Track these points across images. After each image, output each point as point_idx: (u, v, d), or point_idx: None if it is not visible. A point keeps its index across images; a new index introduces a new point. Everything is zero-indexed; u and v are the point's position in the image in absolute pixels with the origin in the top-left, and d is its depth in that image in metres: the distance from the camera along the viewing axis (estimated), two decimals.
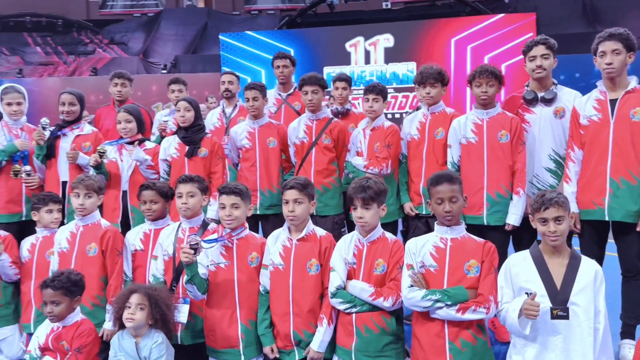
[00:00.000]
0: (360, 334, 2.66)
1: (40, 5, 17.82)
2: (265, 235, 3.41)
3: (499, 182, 3.38)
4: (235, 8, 19.50)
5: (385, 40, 12.18)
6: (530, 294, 2.28)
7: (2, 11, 17.09)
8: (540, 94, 3.46)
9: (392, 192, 3.78)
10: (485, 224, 3.40)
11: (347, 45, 12.01)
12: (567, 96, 3.43)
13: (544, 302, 2.32)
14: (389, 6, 18.72)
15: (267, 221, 3.96)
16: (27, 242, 3.44)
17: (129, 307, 2.66)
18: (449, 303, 2.48)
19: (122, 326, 2.70)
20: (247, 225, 2.98)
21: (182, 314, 2.94)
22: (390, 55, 12.01)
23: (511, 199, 3.38)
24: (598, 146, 3.18)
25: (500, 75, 3.41)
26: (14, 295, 3.41)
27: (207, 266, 2.84)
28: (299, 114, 4.54)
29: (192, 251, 2.69)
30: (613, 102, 3.16)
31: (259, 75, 12.24)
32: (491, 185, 3.38)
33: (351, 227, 3.77)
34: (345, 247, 2.75)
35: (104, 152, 3.69)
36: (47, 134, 3.81)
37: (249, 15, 18.72)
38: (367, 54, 12.24)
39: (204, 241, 2.82)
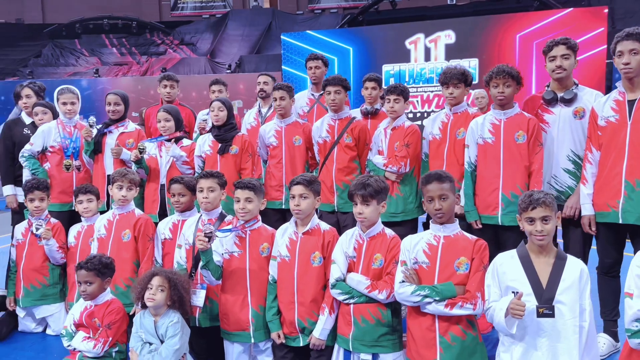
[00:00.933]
0: (358, 323, 2.81)
1: (117, 8, 19.04)
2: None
3: (515, 182, 3.39)
4: (299, 7, 19.92)
5: (447, 36, 11.98)
6: (517, 293, 2.35)
7: (83, 14, 18.38)
8: (559, 94, 3.45)
9: (412, 191, 3.90)
10: (500, 223, 3.43)
11: (406, 42, 11.93)
12: (588, 96, 3.40)
13: (530, 301, 2.37)
14: (454, 2, 18.50)
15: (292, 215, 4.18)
16: (73, 230, 3.85)
17: (150, 289, 2.95)
18: (437, 299, 2.58)
19: (144, 306, 3.00)
20: (259, 217, 3.21)
21: (199, 298, 3.22)
22: (452, 52, 11.86)
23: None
24: (614, 147, 3.16)
25: (517, 76, 3.41)
26: (60, 277, 3.85)
27: (222, 254, 3.09)
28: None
29: (207, 239, 2.95)
30: (631, 103, 3.12)
31: None
32: (507, 185, 3.40)
33: None
34: (347, 242, 2.91)
35: (143, 149, 4.05)
36: (94, 131, 4.22)
37: (312, 15, 19.07)
38: (427, 51, 12.11)
39: (219, 231, 3.07)
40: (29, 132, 4.37)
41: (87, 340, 3.00)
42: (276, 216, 4.15)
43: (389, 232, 2.93)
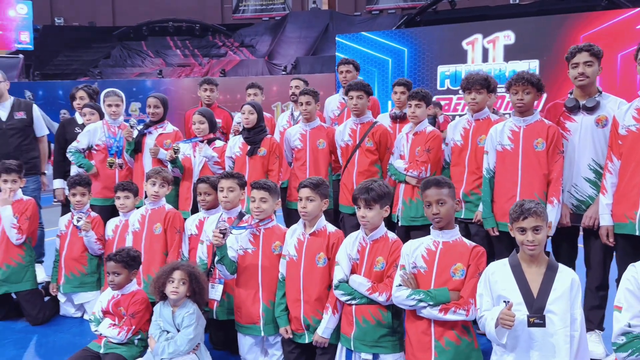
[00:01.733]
0: (359, 324, 2.91)
1: (181, 11, 19.86)
2: None
3: (533, 190, 3.37)
4: (357, 9, 20.01)
5: (506, 37, 11.71)
6: (508, 302, 2.38)
7: (150, 17, 19.30)
8: (582, 102, 3.40)
9: None
10: None
11: (463, 43, 11.82)
12: (612, 105, 3.34)
13: (521, 310, 2.39)
14: (517, 1, 17.99)
15: None
16: (112, 223, 4.16)
17: (172, 282, 3.16)
18: (431, 303, 2.65)
19: (163, 297, 3.23)
20: (274, 217, 3.37)
21: (217, 292, 3.43)
22: (511, 53, 11.62)
23: (545, 208, 3.37)
24: (634, 157, 3.10)
25: (537, 83, 3.39)
26: (98, 267, 4.16)
27: (237, 250, 3.28)
28: None
29: (221, 235, 3.14)
30: None
31: (372, 74, 12.48)
32: (524, 193, 3.38)
33: (391, 227, 3.98)
34: (351, 244, 3.01)
35: (177, 149, 4.32)
36: (135, 132, 4.54)
37: (369, 16, 19.12)
38: (485, 51, 11.90)
39: (233, 228, 3.26)
40: (80, 131, 4.76)
41: (113, 327, 3.26)
42: (298, 216, 4.29)
43: (391, 235, 3.01)
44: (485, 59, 11.70)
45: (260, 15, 20.56)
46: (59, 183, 4.76)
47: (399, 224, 3.99)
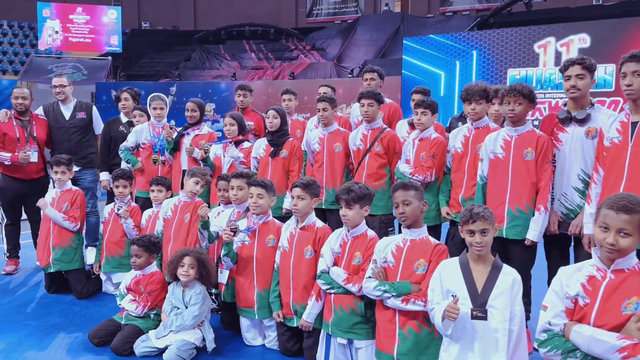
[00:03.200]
0: (336, 311, 3.25)
1: (257, 15, 20.78)
2: (331, 225, 4.01)
3: (521, 197, 3.53)
4: (430, 10, 19.98)
5: (581, 40, 11.30)
6: (455, 296, 2.64)
7: (228, 22, 20.37)
8: (573, 114, 3.51)
9: (434, 199, 4.19)
10: (504, 236, 3.59)
11: (535, 46, 11.55)
12: (602, 117, 3.40)
13: (466, 304, 2.63)
14: (600, 1, 17.25)
15: (331, 214, 4.62)
16: (146, 214, 4.74)
17: (183, 266, 3.66)
18: (394, 294, 2.94)
19: (175, 278, 3.72)
20: (270, 212, 3.79)
21: (224, 277, 3.88)
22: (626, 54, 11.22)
23: (532, 214, 3.52)
24: (615, 168, 3.18)
25: (529, 94, 3.53)
26: None
27: (236, 242, 3.74)
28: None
29: (232, 233, 3.61)
30: (634, 124, 3.12)
31: (439, 77, 12.50)
32: (513, 200, 3.55)
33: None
34: (334, 239, 3.36)
35: (207, 149, 4.84)
36: (174, 132, 5.11)
37: (442, 18, 19.04)
38: (558, 55, 11.51)
39: (242, 231, 3.70)
40: (123, 129, 5.44)
41: (132, 302, 3.81)
42: (318, 215, 4.64)
43: (371, 233, 3.32)
44: (557, 62, 11.26)
45: (333, 19, 21.06)
46: (104, 175, 5.45)
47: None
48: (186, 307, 3.64)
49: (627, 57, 3.13)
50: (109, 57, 18.19)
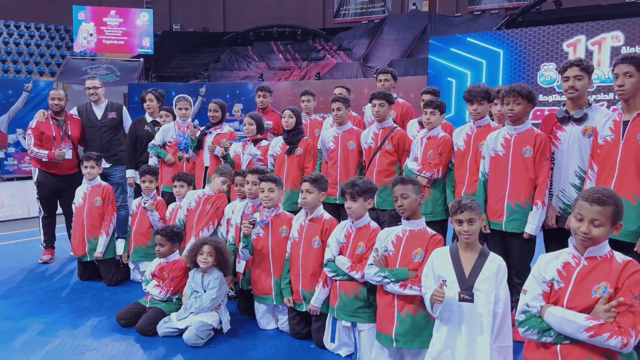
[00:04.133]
0: (341, 296, 3.54)
1: (285, 16, 21.16)
2: (345, 219, 4.18)
3: (520, 193, 3.76)
4: (458, 10, 20.02)
5: (614, 38, 11.03)
6: (444, 280, 2.89)
7: (257, 23, 20.81)
8: (571, 113, 3.71)
9: (441, 195, 4.43)
10: (504, 230, 3.83)
11: (564, 45, 11.44)
12: (599, 116, 3.56)
13: (454, 288, 2.87)
14: None
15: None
16: (170, 207, 5.11)
17: (202, 254, 4.00)
18: (393, 280, 3.21)
19: (195, 265, 4.06)
20: (280, 205, 4.11)
21: (242, 266, 4.22)
22: (619, 56, 11.09)
23: (531, 209, 3.73)
24: (607, 165, 3.37)
25: (528, 95, 3.74)
26: None
27: (253, 235, 4.07)
28: (394, 122, 5.38)
29: (251, 226, 3.93)
30: (626, 123, 3.30)
31: (465, 77, 12.49)
32: (512, 195, 3.78)
33: None
34: (340, 230, 3.64)
35: (227, 147, 5.18)
36: (198, 133, 5.48)
37: (470, 17, 19.06)
38: (589, 54, 11.21)
39: (262, 223, 4.03)
40: (148, 128, 5.85)
41: (156, 287, 4.17)
42: (331, 210, 4.90)
43: (373, 225, 3.60)
44: None
45: (360, 19, 21.30)
46: (131, 172, 5.85)
47: None
48: (205, 291, 3.98)
49: (619, 59, 3.33)
50: (141, 59, 18.80)
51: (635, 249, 3.19)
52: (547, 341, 2.45)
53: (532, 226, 3.71)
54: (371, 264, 3.35)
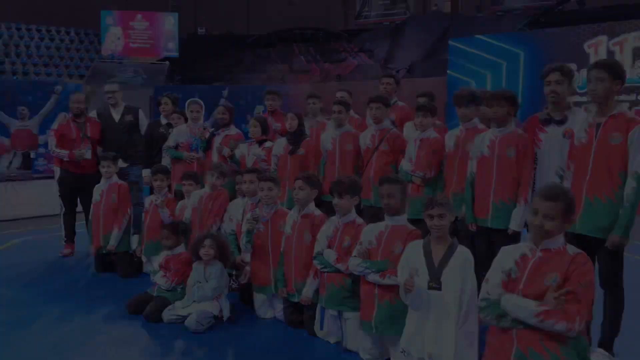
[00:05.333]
0: (328, 287, 3.85)
1: (308, 18, 21.50)
2: None
3: (504, 192, 3.94)
4: (481, 9, 20.04)
5: (637, 39, 10.86)
6: (417, 270, 3.16)
7: (279, 26, 21.22)
8: (552, 116, 3.90)
9: (434, 194, 4.60)
10: (489, 226, 4.04)
11: (585, 45, 11.25)
12: (579, 118, 3.70)
13: (424, 277, 3.15)
14: None
15: None
16: (179, 205, 5.47)
17: (204, 247, 4.34)
18: (373, 270, 3.50)
19: (198, 257, 4.39)
20: (279, 202, 4.46)
21: (247, 256, 4.54)
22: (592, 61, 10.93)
23: (514, 206, 3.92)
24: (582, 166, 3.53)
25: (510, 98, 3.97)
26: None
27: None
28: (393, 123, 5.63)
29: (255, 222, 4.26)
30: (599, 125, 3.48)
31: (484, 78, 12.48)
32: (497, 194, 3.96)
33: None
34: (328, 225, 3.95)
35: (233, 147, 5.52)
36: (207, 134, 5.84)
37: (492, 17, 19.07)
38: (610, 54, 11.01)
39: (264, 219, 4.37)
40: (163, 130, 6.24)
41: (163, 277, 4.54)
42: (328, 208, 5.15)
43: (359, 220, 3.89)
44: None
45: (382, 20, 21.53)
46: (146, 172, 6.24)
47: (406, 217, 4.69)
48: (207, 282, 4.32)
49: (592, 65, 3.52)
50: (167, 62, 19.39)
51: (605, 244, 3.38)
52: (504, 326, 2.66)
53: (516, 222, 3.90)
54: (355, 256, 3.64)
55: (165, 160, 6.04)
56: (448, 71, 13.21)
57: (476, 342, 3.11)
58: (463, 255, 3.14)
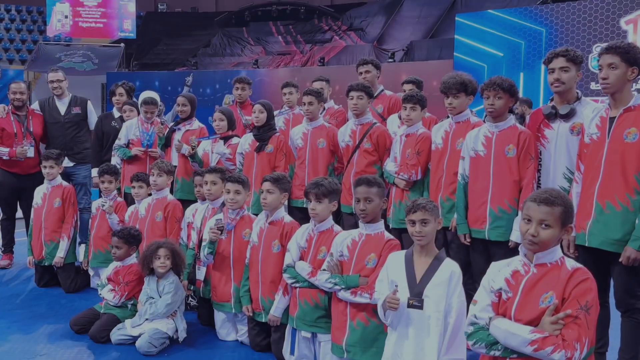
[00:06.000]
0: (301, 305, 3.89)
1: None
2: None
3: (503, 197, 3.93)
4: None
5: None
6: (396, 285, 3.22)
7: (252, 2, 21.17)
8: (558, 109, 3.82)
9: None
10: (487, 238, 4.00)
11: (622, 21, 10.92)
12: (588, 112, 3.64)
13: (404, 293, 3.18)
14: None
15: None
16: (129, 210, 5.53)
17: (159, 258, 4.40)
18: (343, 287, 3.59)
19: (151, 271, 4.46)
20: (245, 207, 4.53)
21: (202, 273, 4.63)
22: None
23: (516, 214, 3.86)
24: (593, 166, 3.49)
25: (509, 88, 3.92)
26: None
27: None
28: (381, 116, 5.73)
29: (219, 232, 4.34)
30: (612, 120, 3.42)
31: (499, 61, 12.24)
32: (495, 199, 3.95)
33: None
34: (301, 234, 4.00)
35: (194, 145, 5.59)
36: (166, 131, 5.90)
37: None
38: None
39: (229, 227, 4.42)
40: (116, 124, 6.32)
41: (111, 292, 4.60)
42: (300, 214, 5.07)
43: (337, 228, 3.97)
44: None
45: None
46: (95, 172, 6.28)
47: (390, 226, 4.63)
48: (160, 297, 4.39)
49: (604, 48, 3.43)
50: (122, 44, 19.30)
51: (620, 260, 3.32)
52: (496, 355, 2.66)
53: (518, 233, 3.71)
54: (324, 270, 3.73)
55: (115, 160, 6.09)
56: (454, 53, 13.08)
57: None
58: (450, 269, 3.19)
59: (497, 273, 2.81)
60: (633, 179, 3.34)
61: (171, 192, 5.61)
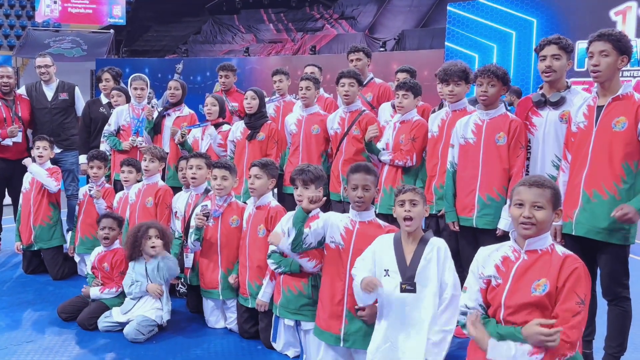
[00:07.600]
0: (284, 293, 3.91)
1: None
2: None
3: (492, 185, 3.95)
4: None
5: None
6: (388, 271, 3.22)
7: None
8: (548, 97, 3.84)
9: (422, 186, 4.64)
10: (475, 226, 4.03)
11: (611, 13, 11.02)
12: (577, 100, 3.66)
13: (396, 278, 3.20)
14: None
15: None
16: (117, 196, 5.49)
17: (150, 238, 4.39)
18: (287, 271, 3.78)
19: (139, 254, 4.44)
20: (233, 194, 4.51)
21: (190, 261, 4.63)
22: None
23: (504, 203, 3.86)
24: (580, 155, 3.51)
25: (503, 76, 3.94)
26: None
27: None
28: (370, 104, 5.73)
29: (205, 218, 4.31)
30: (600, 108, 3.45)
31: (490, 51, 12.35)
32: (483, 187, 3.98)
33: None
34: (287, 219, 3.96)
35: (185, 133, 5.55)
36: (155, 112, 5.86)
37: None
38: None
39: (215, 214, 4.40)
40: (104, 110, 6.27)
41: (105, 287, 4.59)
42: (293, 201, 5.19)
43: (324, 215, 3.94)
44: None
45: None
46: (83, 158, 6.24)
47: (376, 211, 4.53)
48: (148, 280, 4.38)
49: (595, 35, 3.42)
50: (111, 31, 19.17)
51: (612, 214, 3.30)
52: None
53: (506, 221, 3.84)
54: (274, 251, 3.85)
55: (104, 146, 6.05)
56: (446, 42, 13.13)
57: (448, 343, 3.15)
58: (435, 245, 3.21)
59: (487, 258, 2.83)
60: (620, 168, 3.37)
61: (162, 179, 5.58)
